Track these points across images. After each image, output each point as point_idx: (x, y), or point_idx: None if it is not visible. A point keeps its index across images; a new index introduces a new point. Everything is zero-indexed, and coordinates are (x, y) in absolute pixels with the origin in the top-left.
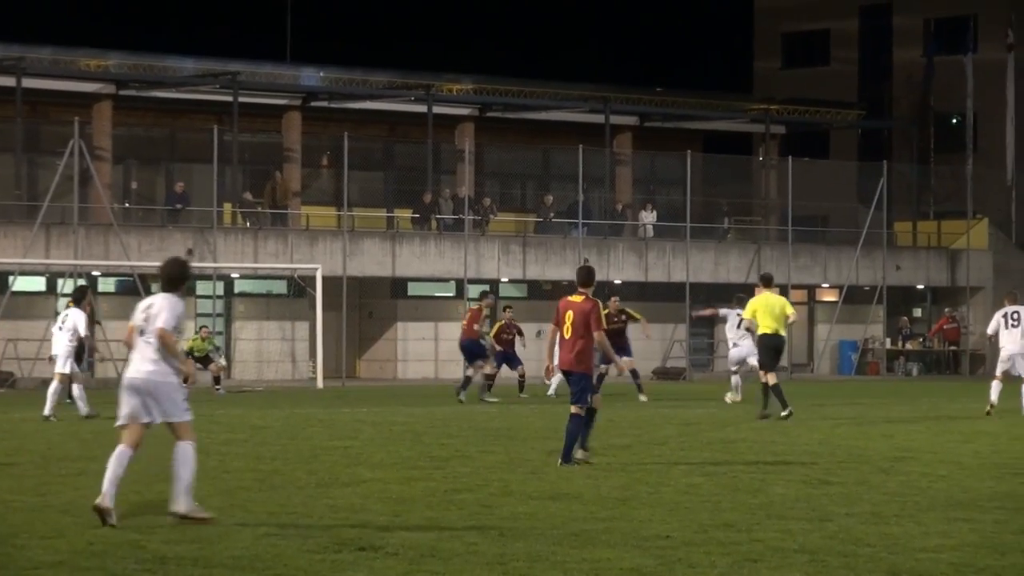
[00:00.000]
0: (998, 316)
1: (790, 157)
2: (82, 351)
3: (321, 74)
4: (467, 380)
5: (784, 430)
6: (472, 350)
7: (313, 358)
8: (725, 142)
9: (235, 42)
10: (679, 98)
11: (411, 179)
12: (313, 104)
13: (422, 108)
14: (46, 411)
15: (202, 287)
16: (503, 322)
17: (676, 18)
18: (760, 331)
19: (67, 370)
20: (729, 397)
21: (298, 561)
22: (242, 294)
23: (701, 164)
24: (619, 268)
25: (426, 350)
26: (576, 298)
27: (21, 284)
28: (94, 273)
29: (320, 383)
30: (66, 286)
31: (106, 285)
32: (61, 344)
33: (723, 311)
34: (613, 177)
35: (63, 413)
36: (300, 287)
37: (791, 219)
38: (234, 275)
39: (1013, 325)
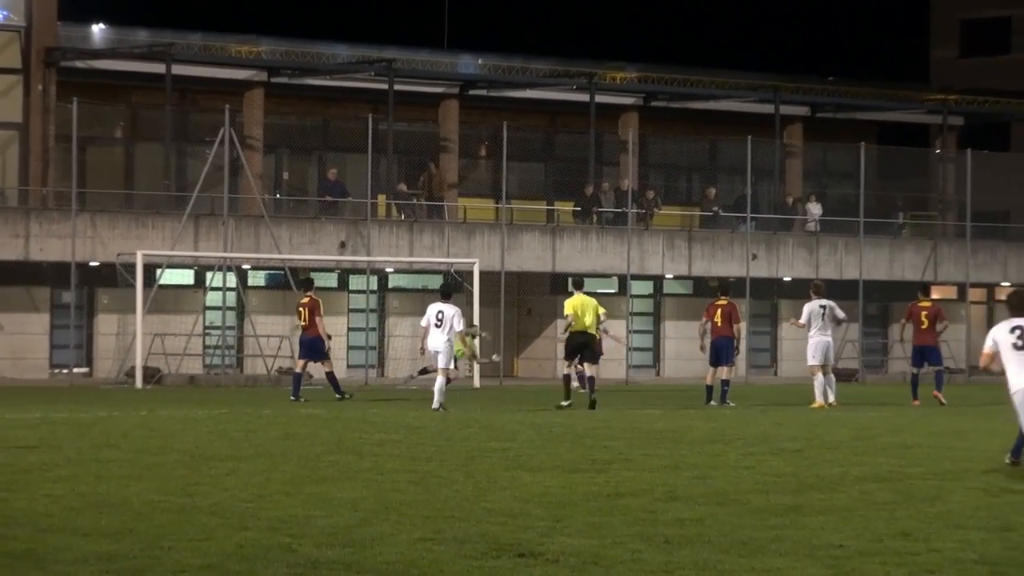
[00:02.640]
0: None
1: (969, 150)
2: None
3: (479, 61)
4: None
5: (962, 435)
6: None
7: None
8: (900, 134)
9: (390, 28)
10: (852, 87)
11: (572, 171)
12: (471, 92)
13: (584, 97)
14: (435, 404)
15: (355, 282)
16: None
17: (849, 4)
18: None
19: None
20: (818, 396)
21: (455, 567)
22: (396, 289)
23: (875, 157)
24: (788, 264)
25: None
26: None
27: (169, 277)
28: (244, 266)
29: (477, 382)
30: (215, 279)
31: (256, 279)
32: (440, 340)
33: (817, 303)
34: (782, 169)
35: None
36: (457, 283)
37: (969, 214)
38: (389, 269)
39: None
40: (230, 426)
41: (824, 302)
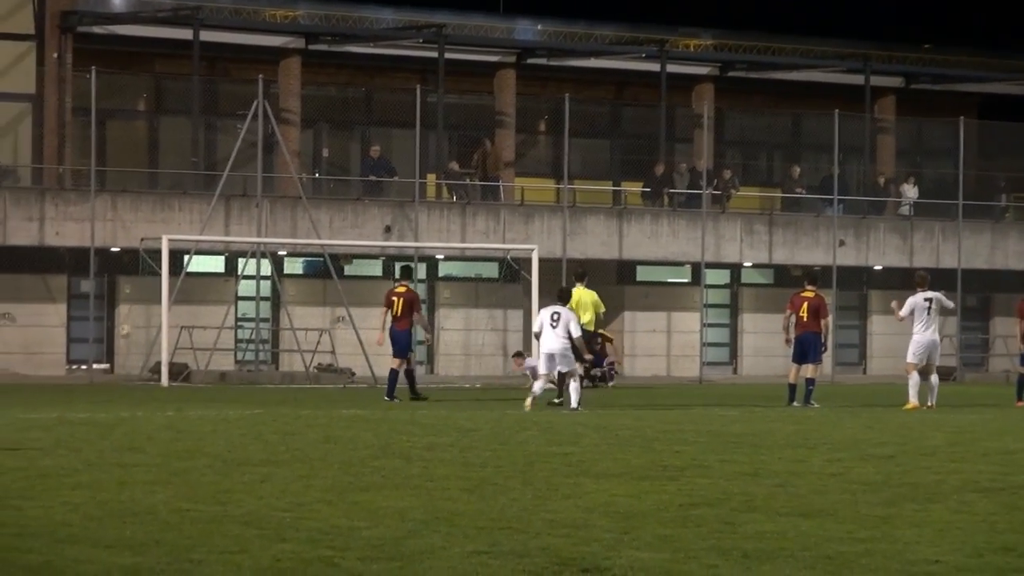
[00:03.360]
0: None
1: None
2: None
3: (538, 27)
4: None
5: None
6: None
7: (527, 352)
8: (1004, 107)
9: None
10: (951, 56)
11: (640, 148)
12: (529, 61)
13: (655, 67)
14: (573, 404)
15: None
16: None
17: None
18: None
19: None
20: (912, 396)
21: None
22: (447, 278)
23: (976, 132)
24: (880, 252)
25: (657, 344)
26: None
27: (197, 264)
28: (280, 252)
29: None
30: (247, 267)
31: (292, 266)
32: (555, 342)
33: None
34: (873, 146)
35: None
36: (513, 270)
37: None
38: (439, 256)
39: None
40: (265, 428)
41: (930, 295)
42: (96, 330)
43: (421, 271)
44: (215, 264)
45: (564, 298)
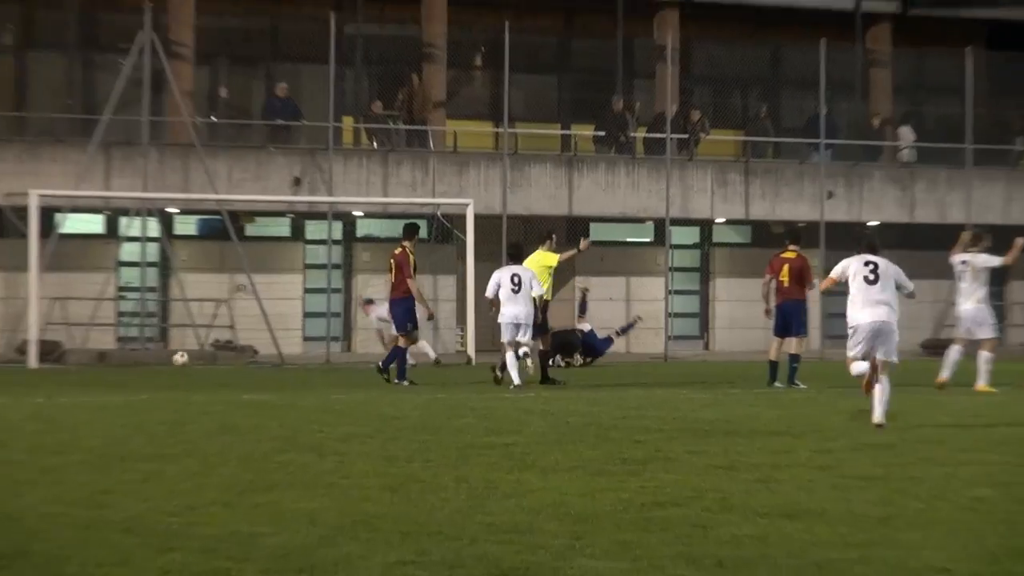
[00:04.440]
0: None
1: None
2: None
3: None
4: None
5: None
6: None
7: (462, 325)
8: (1017, 35)
9: None
10: None
11: (594, 85)
12: None
13: None
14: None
15: (313, 229)
16: None
17: None
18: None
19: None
20: (945, 371)
21: None
22: (367, 239)
23: (985, 65)
24: (875, 205)
25: (614, 315)
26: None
27: (72, 224)
28: (168, 210)
29: (472, 357)
30: (132, 227)
31: (184, 226)
32: (521, 309)
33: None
34: (866, 83)
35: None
36: (445, 229)
37: None
38: (356, 213)
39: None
40: (151, 417)
41: (966, 256)
42: None
43: (336, 231)
44: (93, 224)
45: (518, 256)
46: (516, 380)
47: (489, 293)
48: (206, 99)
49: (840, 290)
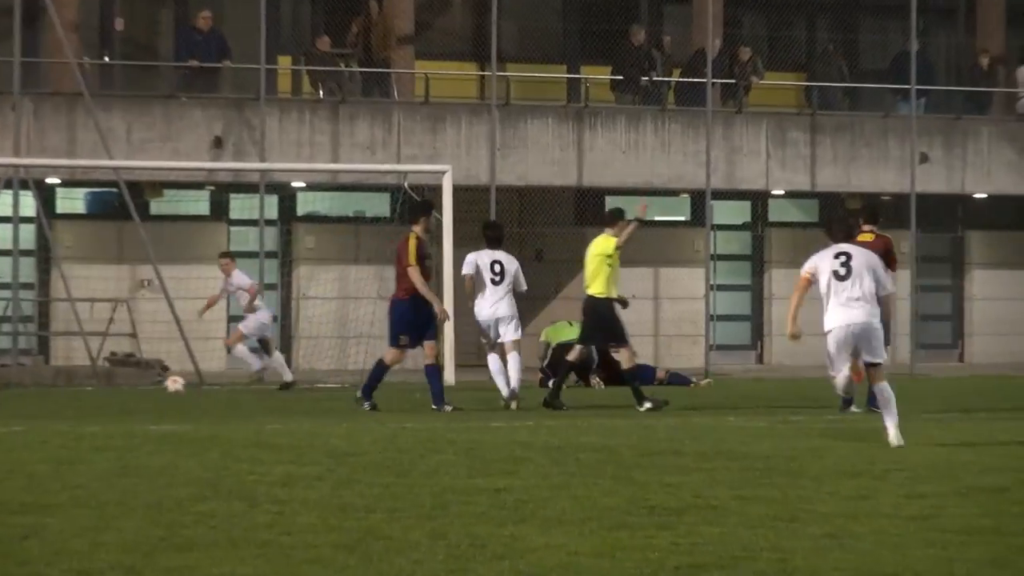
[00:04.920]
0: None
1: None
2: None
3: None
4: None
5: None
6: None
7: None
8: None
9: None
10: None
11: (607, 14)
12: None
13: None
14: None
15: (239, 206)
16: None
17: None
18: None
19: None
20: None
21: None
22: (310, 217)
23: None
24: (983, 172)
25: (640, 316)
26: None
27: None
28: (48, 180)
29: (451, 373)
30: (4, 202)
31: (70, 202)
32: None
33: None
34: (972, 10)
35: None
36: (416, 204)
37: None
38: (296, 184)
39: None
40: (30, 454)
41: None
42: None
43: (270, 207)
44: None
45: (498, 239)
46: (504, 390)
47: (467, 270)
48: (97, 33)
49: (938, 284)
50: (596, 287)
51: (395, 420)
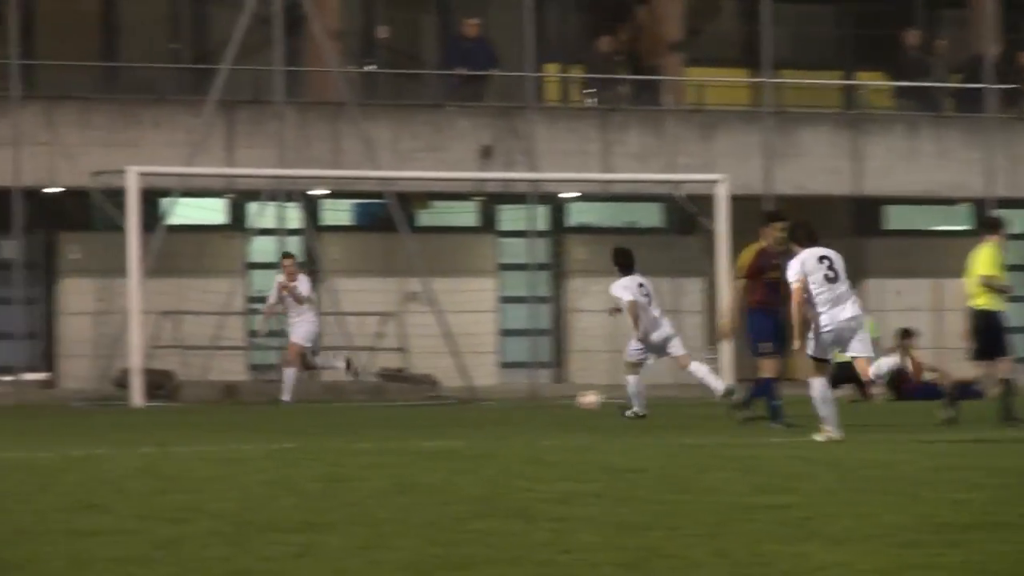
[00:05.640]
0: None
1: None
2: None
3: None
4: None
5: None
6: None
7: (714, 344)
8: None
9: None
10: None
11: (881, 18)
12: None
13: None
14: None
15: (509, 217)
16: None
17: None
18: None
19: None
20: None
21: None
22: (581, 229)
23: None
24: None
25: (934, 328)
26: None
27: (185, 213)
28: (313, 192)
29: (719, 383)
30: (265, 215)
31: (334, 214)
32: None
33: None
34: None
35: None
36: (689, 216)
37: None
38: (566, 194)
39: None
40: (299, 472)
41: None
42: (27, 320)
43: (541, 218)
44: (212, 212)
45: (629, 265)
46: (717, 387)
47: (626, 296)
48: (360, 41)
49: None
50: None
51: (673, 436)
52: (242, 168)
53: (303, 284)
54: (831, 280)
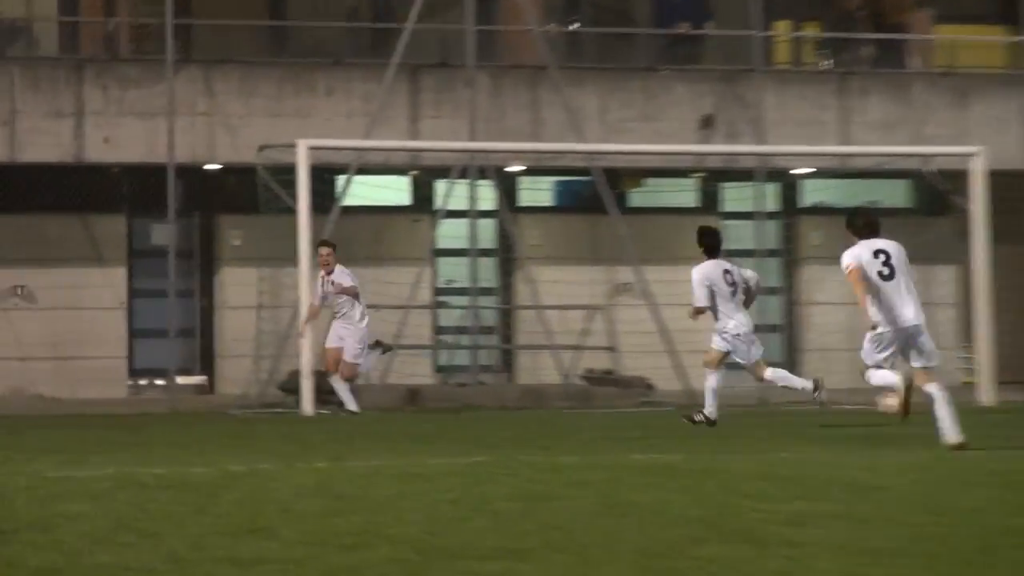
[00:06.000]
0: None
1: None
2: None
3: None
4: None
5: None
6: None
7: (968, 343)
8: None
9: None
10: None
11: None
12: None
13: None
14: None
15: (732, 197)
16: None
17: None
18: None
19: None
20: None
21: None
22: (816, 209)
23: None
24: None
25: None
26: None
27: (363, 192)
28: (510, 168)
29: (986, 392)
30: (454, 195)
31: (533, 193)
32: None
33: None
34: None
35: None
36: (940, 195)
37: None
38: (799, 170)
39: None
40: (494, 490)
41: None
42: (181, 315)
43: (771, 197)
44: (394, 192)
45: (716, 247)
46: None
47: (700, 301)
48: None
49: None
50: None
51: (915, 447)
52: (428, 141)
53: (342, 275)
54: (885, 277)
